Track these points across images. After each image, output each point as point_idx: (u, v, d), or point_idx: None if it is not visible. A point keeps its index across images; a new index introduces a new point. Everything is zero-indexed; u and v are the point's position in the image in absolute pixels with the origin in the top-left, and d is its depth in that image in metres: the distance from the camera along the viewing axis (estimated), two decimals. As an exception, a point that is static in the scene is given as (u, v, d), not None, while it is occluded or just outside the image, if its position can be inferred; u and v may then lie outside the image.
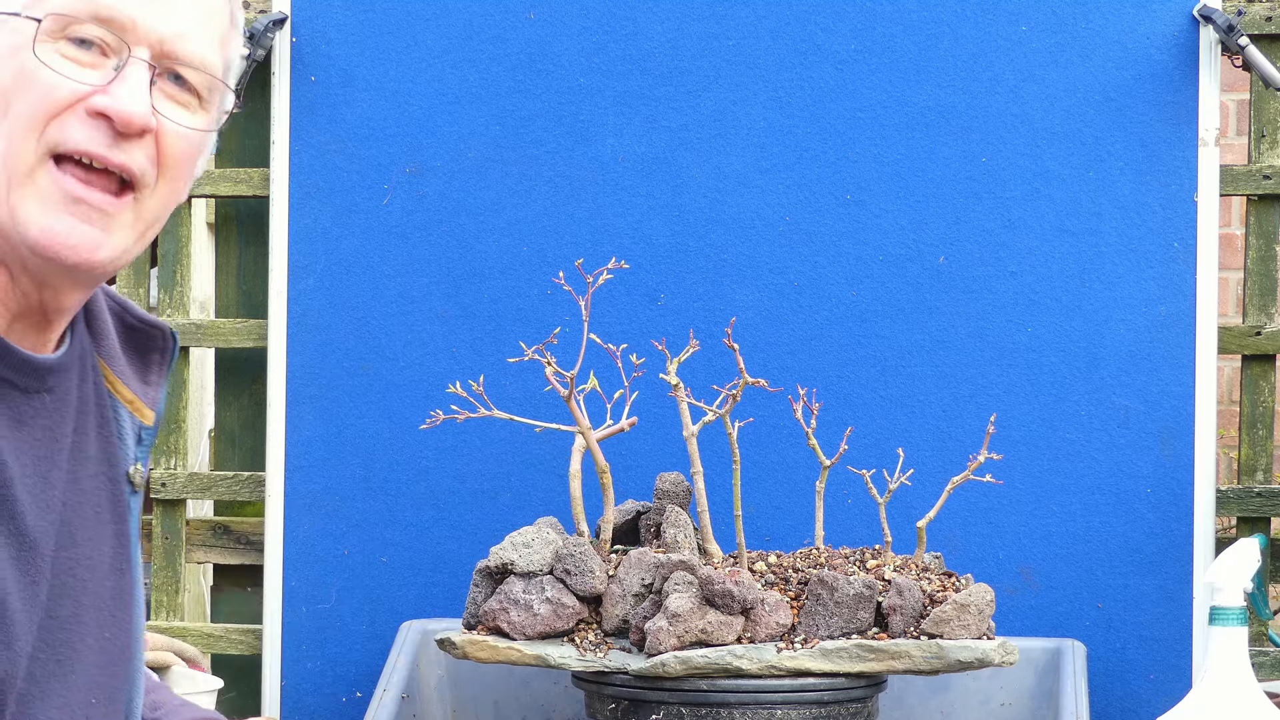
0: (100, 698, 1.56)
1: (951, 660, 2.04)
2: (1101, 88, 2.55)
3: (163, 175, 1.48)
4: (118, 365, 1.63)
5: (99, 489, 1.58)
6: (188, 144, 1.50)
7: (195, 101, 1.50)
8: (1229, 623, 2.12)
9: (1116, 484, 2.53)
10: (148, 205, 1.49)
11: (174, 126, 1.48)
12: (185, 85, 1.49)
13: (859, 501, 2.47)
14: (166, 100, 1.48)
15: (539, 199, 2.62)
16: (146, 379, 1.66)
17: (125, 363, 1.64)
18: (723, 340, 2.19)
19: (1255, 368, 2.62)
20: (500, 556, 2.13)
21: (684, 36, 2.61)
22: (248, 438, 2.82)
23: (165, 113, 1.47)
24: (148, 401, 1.65)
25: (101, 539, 1.58)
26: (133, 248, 1.49)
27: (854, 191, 2.59)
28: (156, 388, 1.67)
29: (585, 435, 2.16)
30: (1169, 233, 2.53)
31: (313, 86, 2.65)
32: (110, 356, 1.62)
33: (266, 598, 2.64)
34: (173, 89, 1.49)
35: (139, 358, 1.66)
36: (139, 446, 1.64)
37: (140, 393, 1.64)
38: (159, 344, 1.68)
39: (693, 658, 2.03)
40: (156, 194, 1.49)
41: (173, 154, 1.48)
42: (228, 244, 2.83)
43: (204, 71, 1.49)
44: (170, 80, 1.48)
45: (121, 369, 1.63)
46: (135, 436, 1.64)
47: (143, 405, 1.64)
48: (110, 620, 1.58)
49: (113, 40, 1.45)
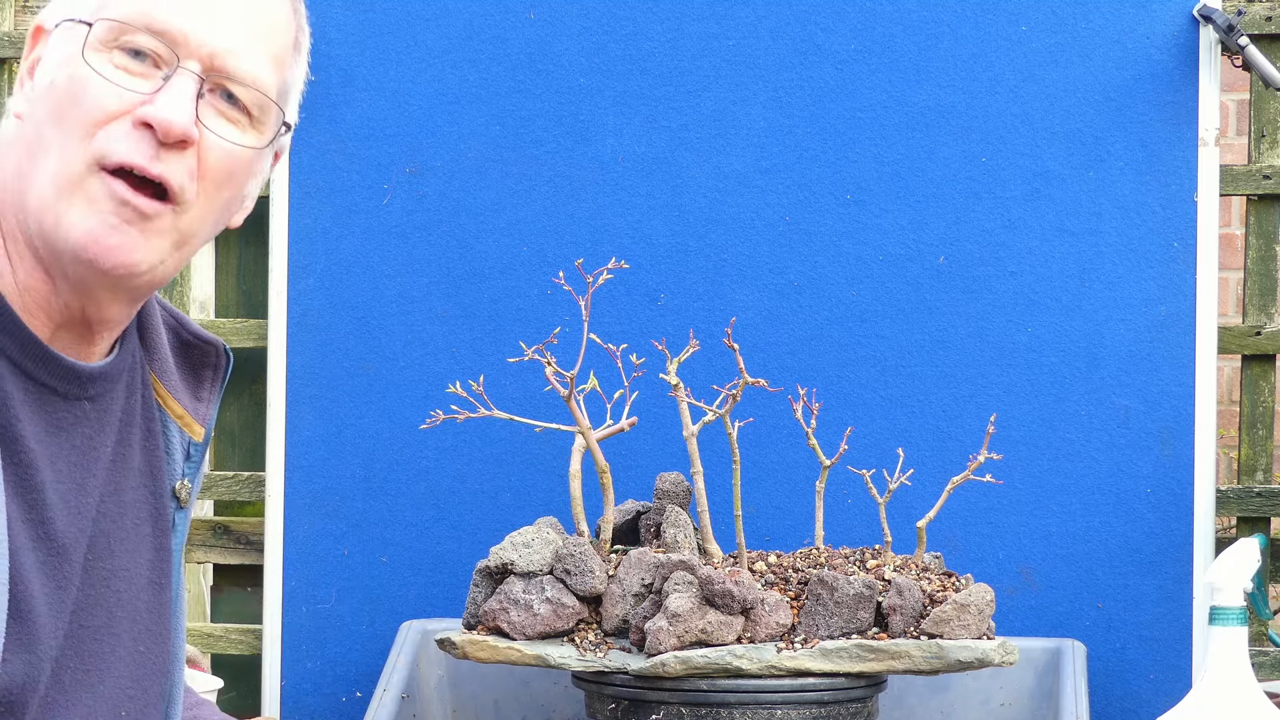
0: (132, 711, 1.55)
1: (951, 660, 2.04)
2: (1101, 88, 2.55)
3: (202, 189, 1.47)
4: (170, 380, 1.62)
5: (140, 501, 1.58)
6: (231, 159, 1.48)
7: (246, 120, 1.49)
8: (1229, 623, 2.12)
9: (1116, 484, 2.53)
10: (185, 219, 1.47)
11: (217, 140, 1.46)
12: (237, 103, 1.48)
13: (859, 501, 2.47)
14: (215, 115, 1.47)
15: (539, 199, 2.62)
16: (198, 395, 1.65)
17: (178, 378, 1.63)
18: (722, 340, 2.19)
19: (1255, 368, 2.62)
20: (500, 556, 2.13)
21: (684, 36, 2.61)
22: (248, 438, 2.82)
23: (211, 127, 1.46)
24: (198, 418, 1.64)
25: (140, 552, 1.58)
26: (169, 259, 1.48)
27: (854, 191, 2.59)
28: (208, 404, 1.66)
29: (585, 435, 2.17)
30: (1169, 233, 2.53)
31: (313, 86, 2.64)
32: (163, 371, 1.61)
33: (266, 598, 2.64)
34: (223, 105, 1.48)
35: (192, 373, 1.66)
36: (187, 463, 1.63)
37: (191, 409, 1.63)
38: (212, 360, 1.67)
39: (693, 658, 2.03)
40: (195, 207, 1.47)
41: (214, 168, 1.47)
42: (228, 244, 2.83)
43: (255, 89, 1.48)
44: (221, 97, 1.47)
45: (174, 384, 1.62)
46: (184, 452, 1.63)
47: (193, 421, 1.63)
48: (146, 633, 1.58)
49: (165, 52, 1.44)
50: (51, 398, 1.48)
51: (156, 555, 1.59)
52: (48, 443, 1.47)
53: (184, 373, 1.65)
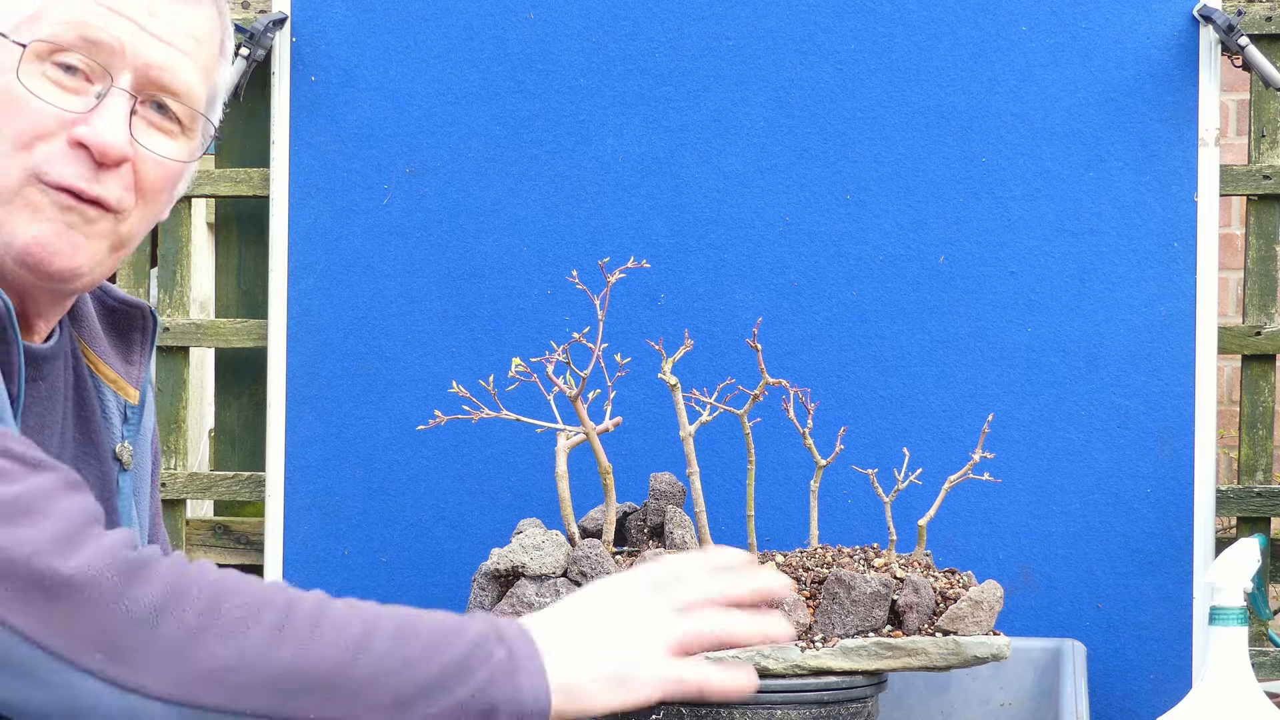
0: None
1: (968, 656, 2.05)
2: (1101, 88, 2.55)
3: (140, 200, 1.51)
4: (99, 345, 1.66)
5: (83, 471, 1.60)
6: (166, 172, 1.53)
7: (177, 129, 1.53)
8: (1229, 623, 2.12)
9: (1116, 484, 2.53)
10: (124, 226, 1.52)
11: (152, 156, 1.51)
12: (168, 113, 1.52)
13: (859, 501, 2.48)
14: (147, 128, 1.51)
15: (539, 199, 2.62)
16: (129, 359, 1.69)
17: (107, 344, 1.67)
18: (746, 341, 2.20)
19: (1255, 368, 2.63)
20: (509, 559, 2.11)
21: (684, 36, 2.61)
22: (248, 438, 2.82)
23: (144, 142, 1.50)
24: (131, 380, 1.68)
25: None
26: (106, 261, 1.52)
27: (854, 191, 2.59)
28: (140, 366, 1.70)
29: (590, 436, 2.16)
30: (1169, 233, 2.53)
31: (313, 86, 2.65)
32: (92, 337, 1.65)
33: (266, 598, 2.64)
34: (155, 116, 1.51)
35: (120, 338, 1.69)
36: (125, 425, 1.67)
37: (123, 372, 1.67)
38: (139, 323, 1.71)
39: (723, 658, 2.02)
40: (133, 217, 1.52)
41: (150, 181, 1.51)
42: (228, 244, 2.83)
43: (186, 103, 1.52)
44: (153, 108, 1.51)
45: (103, 349, 1.66)
46: (121, 415, 1.66)
47: (126, 384, 1.67)
48: None
49: (97, 68, 1.47)
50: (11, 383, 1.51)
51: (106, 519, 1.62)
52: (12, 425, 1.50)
53: (113, 338, 1.69)
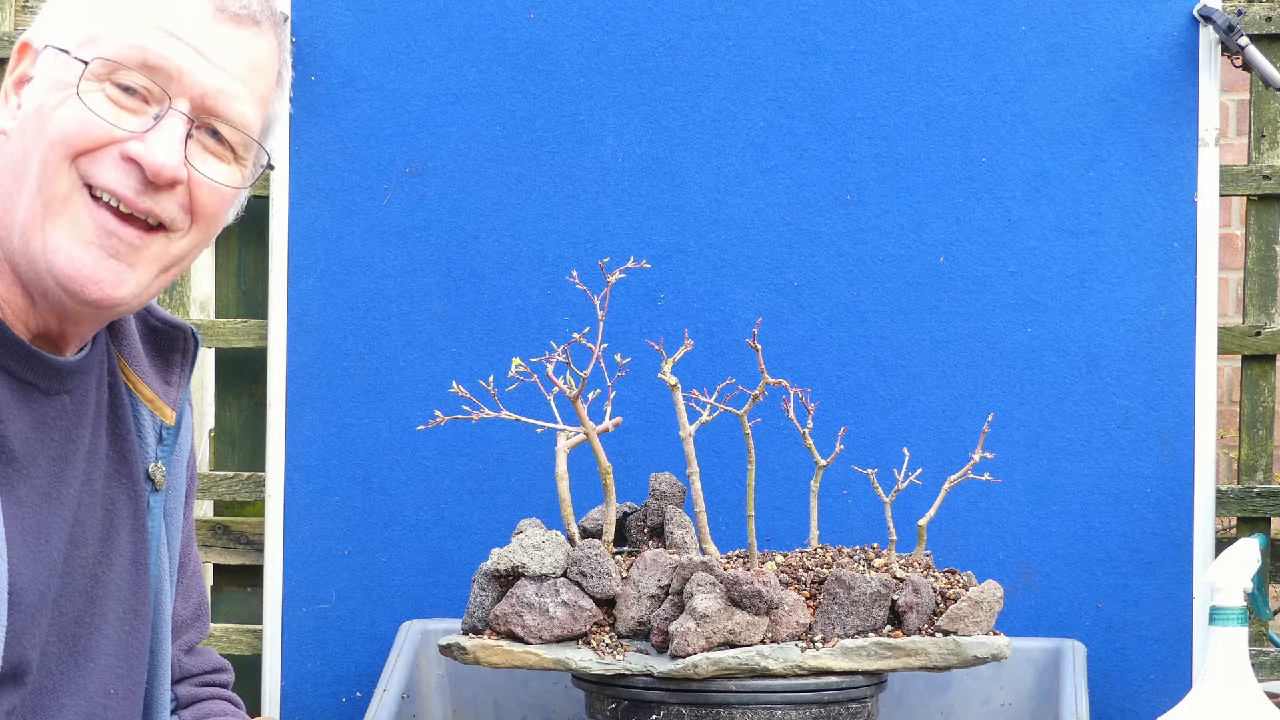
0: (119, 689, 1.61)
1: (968, 656, 2.05)
2: (1101, 88, 2.55)
3: (195, 224, 1.53)
4: (139, 365, 1.66)
5: (114, 488, 1.61)
6: (219, 198, 1.54)
7: (230, 155, 1.55)
8: (1229, 623, 2.12)
9: (1116, 484, 2.53)
10: (176, 246, 1.53)
11: (206, 181, 1.52)
12: (222, 140, 1.53)
13: (859, 501, 2.48)
14: (201, 153, 1.52)
15: (539, 199, 2.62)
16: (168, 379, 1.70)
17: (147, 363, 1.68)
18: (746, 341, 2.19)
19: (1255, 368, 2.63)
20: (509, 559, 2.11)
21: (684, 36, 2.61)
22: (248, 438, 2.82)
23: (198, 166, 1.51)
24: (169, 401, 1.68)
25: (118, 536, 1.62)
26: (151, 285, 1.53)
27: (854, 191, 2.59)
28: (178, 388, 1.70)
29: (590, 436, 2.16)
30: (1169, 233, 2.53)
31: (313, 86, 2.65)
32: (132, 356, 1.66)
33: (266, 598, 2.64)
34: (210, 142, 1.53)
35: (161, 358, 1.70)
36: (160, 445, 1.67)
37: (161, 392, 1.68)
38: (180, 344, 1.71)
39: (724, 659, 2.02)
40: (186, 238, 1.54)
41: (205, 206, 1.53)
42: (228, 244, 2.83)
43: (242, 131, 1.54)
44: (208, 134, 1.53)
45: (143, 369, 1.67)
46: (156, 435, 1.67)
47: (164, 405, 1.68)
48: (130, 613, 1.63)
49: (156, 90, 1.49)
50: (34, 394, 1.52)
51: (135, 538, 1.64)
52: (31, 439, 1.51)
53: (153, 358, 1.69)
